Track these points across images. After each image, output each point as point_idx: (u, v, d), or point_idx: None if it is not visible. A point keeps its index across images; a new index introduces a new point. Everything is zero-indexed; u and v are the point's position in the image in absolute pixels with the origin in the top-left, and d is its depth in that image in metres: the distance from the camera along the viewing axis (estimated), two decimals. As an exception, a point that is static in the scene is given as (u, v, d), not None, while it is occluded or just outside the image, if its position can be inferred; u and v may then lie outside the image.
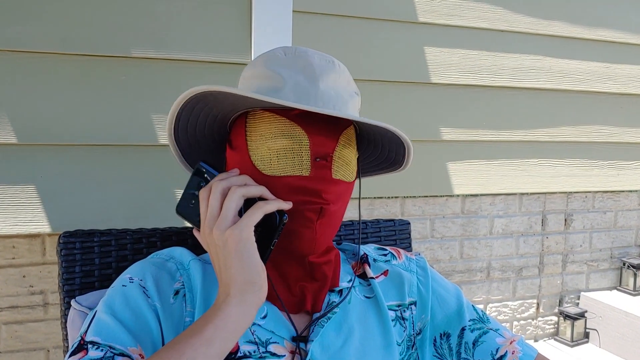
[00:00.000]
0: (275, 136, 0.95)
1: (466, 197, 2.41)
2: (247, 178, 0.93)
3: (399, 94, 2.15)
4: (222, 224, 0.86)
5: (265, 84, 0.98)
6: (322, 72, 0.98)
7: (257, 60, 1.04)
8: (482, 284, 2.51)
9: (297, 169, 0.95)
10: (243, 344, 0.95)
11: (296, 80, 0.96)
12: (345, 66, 1.05)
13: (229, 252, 0.86)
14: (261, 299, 0.87)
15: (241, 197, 0.89)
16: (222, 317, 0.83)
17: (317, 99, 0.96)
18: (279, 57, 1.01)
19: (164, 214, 1.75)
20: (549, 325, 2.71)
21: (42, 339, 1.78)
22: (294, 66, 0.98)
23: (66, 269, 1.18)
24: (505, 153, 2.38)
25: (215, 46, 1.79)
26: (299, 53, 1.01)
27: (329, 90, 0.97)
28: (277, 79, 0.97)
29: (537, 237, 2.60)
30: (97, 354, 0.86)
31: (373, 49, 2.08)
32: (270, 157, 0.96)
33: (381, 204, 2.23)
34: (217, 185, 0.90)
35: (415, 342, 1.12)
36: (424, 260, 1.21)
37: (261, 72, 1.00)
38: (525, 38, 2.34)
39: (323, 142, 0.96)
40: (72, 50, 1.65)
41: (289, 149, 0.95)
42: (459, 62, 2.23)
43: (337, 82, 1.00)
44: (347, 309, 1.06)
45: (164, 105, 1.74)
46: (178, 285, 1.00)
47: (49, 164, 1.66)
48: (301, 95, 0.95)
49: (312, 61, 0.99)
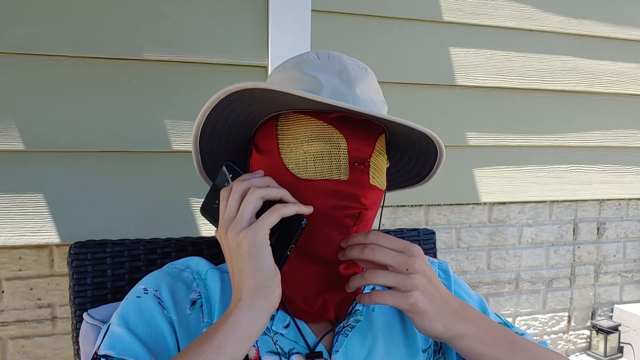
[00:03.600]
0: (312, 139, 0.95)
1: (493, 205, 2.38)
2: (270, 180, 0.93)
3: (422, 97, 2.13)
4: (237, 226, 0.86)
5: (303, 87, 0.97)
6: (357, 77, 0.98)
7: (287, 63, 1.03)
8: (511, 296, 2.48)
9: (335, 173, 0.94)
10: (265, 354, 0.96)
11: (333, 84, 0.96)
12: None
13: (242, 254, 0.86)
14: (273, 305, 0.87)
15: (259, 198, 0.88)
16: (232, 323, 0.84)
17: (356, 103, 0.95)
18: (312, 60, 1.01)
19: (178, 224, 1.74)
20: (581, 340, 2.67)
21: (50, 354, 1.77)
22: (330, 70, 0.98)
23: (77, 280, 1.18)
24: (535, 158, 2.34)
25: (230, 48, 1.77)
26: (333, 57, 1.01)
27: (364, 96, 0.98)
28: (313, 82, 0.97)
29: (568, 247, 2.56)
30: None
31: (396, 49, 2.06)
32: (306, 160, 0.95)
33: (404, 213, 2.20)
34: (237, 185, 0.90)
35: (441, 347, 1.12)
36: (446, 264, 1.22)
37: (294, 75, 0.99)
38: (556, 38, 2.31)
39: (361, 147, 0.96)
40: (81, 53, 1.63)
41: (326, 153, 0.94)
42: (485, 63, 2.20)
43: (370, 89, 1.01)
44: (371, 317, 1.06)
45: (177, 110, 1.73)
46: (195, 296, 1.00)
47: (57, 172, 1.65)
48: (339, 99, 0.95)
49: (347, 65, 0.99)
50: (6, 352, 1.73)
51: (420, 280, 0.90)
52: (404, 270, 0.90)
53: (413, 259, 0.91)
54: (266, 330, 0.98)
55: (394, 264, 0.91)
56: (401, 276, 0.90)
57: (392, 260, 0.91)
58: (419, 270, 0.91)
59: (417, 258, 0.92)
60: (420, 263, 0.91)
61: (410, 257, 0.91)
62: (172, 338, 0.94)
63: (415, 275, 0.90)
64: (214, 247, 1.32)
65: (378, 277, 0.92)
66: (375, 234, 0.94)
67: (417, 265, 0.91)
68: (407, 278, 0.89)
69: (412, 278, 0.89)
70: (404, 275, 0.90)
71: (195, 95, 1.74)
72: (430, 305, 0.90)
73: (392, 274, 0.91)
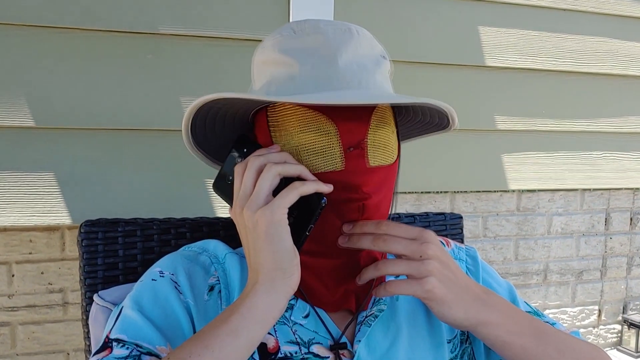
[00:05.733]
0: (300, 130, 0.91)
1: (522, 193, 2.35)
2: (287, 155, 0.89)
3: (449, 77, 2.09)
4: (254, 204, 0.83)
5: (280, 72, 0.94)
6: (338, 45, 0.93)
7: (266, 42, 1.00)
8: (539, 288, 2.45)
9: (330, 164, 0.91)
10: (284, 344, 0.94)
11: (312, 63, 0.92)
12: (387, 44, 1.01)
13: (258, 234, 0.83)
14: (292, 287, 0.84)
15: (276, 175, 0.85)
16: (249, 306, 0.82)
17: (340, 79, 0.91)
18: (289, 36, 0.96)
19: (193, 203, 1.73)
20: (611, 334, 2.64)
21: (61, 340, 1.76)
22: (307, 45, 0.94)
23: (88, 260, 1.17)
24: (566, 144, 2.31)
25: (249, 22, 1.75)
26: (309, 28, 0.96)
27: (350, 65, 0.92)
28: (291, 64, 0.93)
29: (599, 238, 2.53)
30: (122, 352, 0.84)
31: (422, 28, 2.02)
32: (299, 154, 0.92)
33: (429, 200, 2.18)
34: (253, 161, 0.87)
35: (468, 336, 1.10)
36: (474, 250, 1.19)
37: (273, 57, 0.96)
38: (590, 18, 2.27)
39: (353, 128, 0.91)
40: (94, 25, 1.61)
41: (317, 143, 0.91)
42: (516, 44, 2.16)
43: (358, 52, 0.95)
44: (394, 306, 1.05)
45: (193, 87, 1.71)
46: (213, 281, 0.99)
47: (69, 150, 1.63)
48: (319, 79, 0.91)
49: (326, 35, 0.94)
50: (16, 337, 1.72)
51: (434, 266, 0.88)
52: (418, 257, 0.89)
53: (426, 245, 0.89)
54: (285, 320, 0.97)
55: (407, 253, 0.89)
56: (415, 263, 0.88)
57: (404, 249, 0.89)
58: (433, 255, 0.89)
59: (431, 244, 0.90)
60: (433, 248, 0.89)
61: (423, 244, 0.89)
62: (188, 324, 0.92)
63: (429, 261, 0.88)
64: (231, 229, 1.30)
65: (391, 267, 0.90)
66: (387, 224, 0.91)
67: (431, 251, 0.89)
68: (421, 264, 0.88)
69: (426, 264, 0.88)
70: (418, 262, 0.88)
71: (212, 72, 1.72)
72: (448, 292, 0.89)
73: (405, 261, 0.89)
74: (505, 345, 0.93)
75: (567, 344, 0.96)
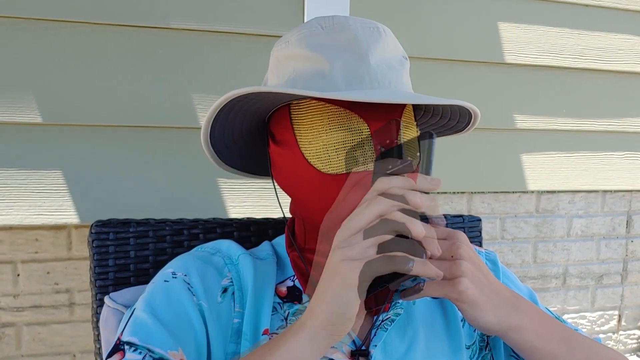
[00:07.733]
0: (330, 129, 0.91)
1: (542, 194, 2.34)
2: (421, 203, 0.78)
3: (468, 75, 2.09)
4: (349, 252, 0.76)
5: (308, 68, 0.93)
6: (369, 44, 0.93)
7: (291, 36, 0.99)
8: (557, 292, 2.44)
9: (362, 163, 0.90)
10: None
11: (344, 60, 0.92)
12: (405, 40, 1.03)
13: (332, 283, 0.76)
14: (336, 341, 0.80)
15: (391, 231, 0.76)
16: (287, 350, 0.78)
17: (372, 79, 0.91)
18: (317, 32, 0.96)
19: (206, 204, 1.72)
20: (631, 340, 2.63)
21: (67, 342, 1.76)
22: (337, 42, 0.93)
23: (98, 262, 1.17)
24: (588, 144, 2.30)
25: (262, 17, 1.74)
26: (339, 25, 0.95)
27: (381, 65, 0.93)
28: (321, 61, 0.92)
29: (620, 241, 2.52)
30: (134, 357, 0.85)
31: (440, 23, 2.02)
32: (327, 153, 0.91)
33: (445, 200, 2.17)
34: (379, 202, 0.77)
35: (488, 342, 1.10)
36: (494, 254, 1.19)
37: (299, 52, 0.95)
38: (614, 14, 2.26)
39: (385, 128, 0.89)
40: (104, 19, 1.61)
41: (348, 142, 0.91)
42: (537, 40, 2.15)
43: (385, 52, 0.95)
44: (411, 310, 1.04)
45: (206, 83, 1.70)
46: (226, 282, 0.99)
47: (77, 147, 1.63)
48: (352, 78, 0.91)
49: (356, 33, 0.94)
50: (21, 338, 1.72)
51: (467, 267, 0.86)
52: (449, 257, 0.87)
53: (458, 245, 0.87)
54: None
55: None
56: (446, 263, 0.86)
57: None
58: (465, 256, 0.87)
59: (463, 244, 0.87)
60: (466, 249, 0.87)
61: (455, 244, 0.87)
62: (201, 327, 0.92)
63: (462, 262, 0.86)
64: (244, 230, 1.31)
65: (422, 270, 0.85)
66: None
67: (463, 251, 0.87)
68: (453, 265, 0.85)
69: (459, 264, 0.85)
70: (450, 262, 0.86)
71: (226, 68, 1.71)
72: (480, 294, 0.86)
73: (436, 262, 0.86)
74: (535, 351, 0.92)
75: (594, 351, 0.96)
